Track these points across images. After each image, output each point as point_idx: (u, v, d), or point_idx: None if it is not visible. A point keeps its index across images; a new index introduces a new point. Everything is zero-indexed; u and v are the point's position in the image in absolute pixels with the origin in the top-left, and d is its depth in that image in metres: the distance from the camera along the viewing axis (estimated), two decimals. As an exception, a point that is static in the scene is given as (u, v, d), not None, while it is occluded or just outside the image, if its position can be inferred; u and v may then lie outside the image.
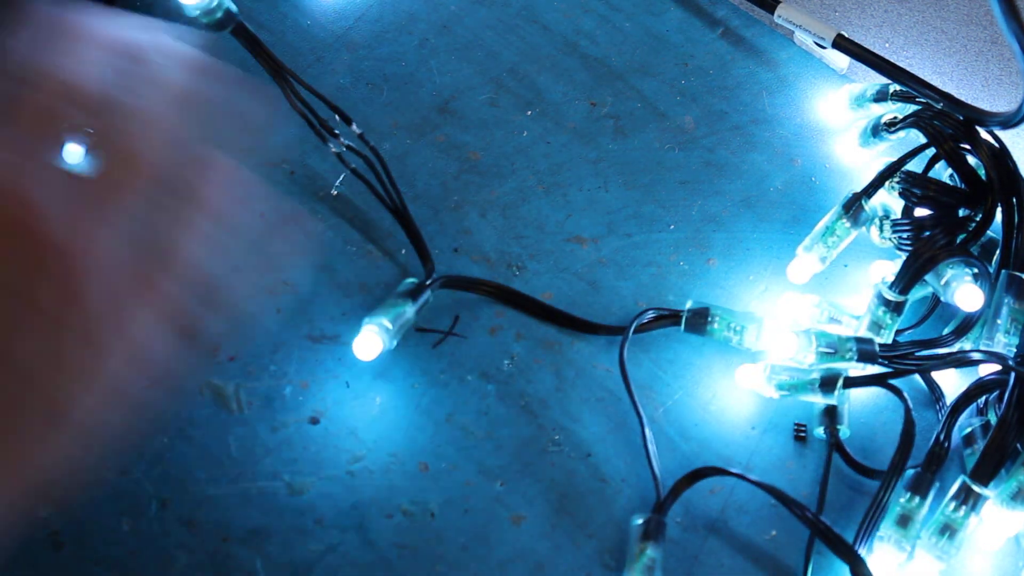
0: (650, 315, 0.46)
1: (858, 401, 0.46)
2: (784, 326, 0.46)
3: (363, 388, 0.44)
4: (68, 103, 0.31)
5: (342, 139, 0.46)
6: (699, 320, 0.45)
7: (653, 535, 0.40)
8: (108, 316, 0.35)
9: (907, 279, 0.45)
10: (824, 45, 0.54)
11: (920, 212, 0.48)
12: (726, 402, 0.46)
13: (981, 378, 0.45)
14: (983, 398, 0.45)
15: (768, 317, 0.46)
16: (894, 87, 0.51)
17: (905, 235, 0.47)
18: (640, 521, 0.41)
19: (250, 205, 0.47)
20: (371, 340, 0.43)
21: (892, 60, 0.51)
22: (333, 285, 0.47)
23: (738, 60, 0.56)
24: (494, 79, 0.53)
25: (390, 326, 0.43)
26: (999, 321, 0.45)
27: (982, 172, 0.47)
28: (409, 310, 0.44)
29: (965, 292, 0.45)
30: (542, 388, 0.45)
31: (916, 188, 0.47)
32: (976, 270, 0.45)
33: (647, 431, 0.43)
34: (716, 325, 0.45)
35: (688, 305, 0.46)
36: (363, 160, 0.46)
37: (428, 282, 0.45)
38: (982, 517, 0.42)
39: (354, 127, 0.46)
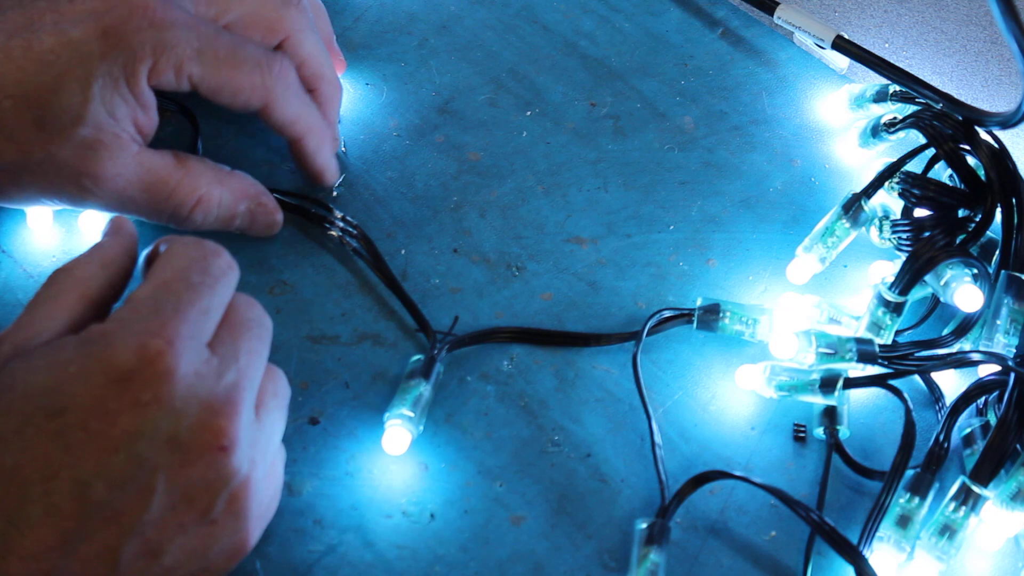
0: (665, 314, 0.46)
1: (858, 401, 0.46)
2: (784, 327, 0.46)
3: (362, 388, 0.44)
4: None
5: (337, 220, 0.47)
6: (711, 316, 0.46)
7: (657, 539, 0.40)
8: None
9: (907, 280, 0.45)
10: (824, 46, 0.54)
11: (920, 212, 0.48)
12: (726, 402, 0.46)
13: (981, 378, 0.45)
14: (983, 399, 0.45)
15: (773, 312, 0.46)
16: (894, 87, 0.51)
17: (905, 236, 0.47)
18: (644, 525, 0.41)
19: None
20: (399, 435, 0.42)
21: (892, 60, 0.51)
22: (333, 285, 0.47)
23: (738, 60, 0.56)
24: (494, 79, 0.53)
25: (412, 414, 0.42)
26: (999, 322, 0.45)
27: (982, 172, 0.47)
28: (425, 390, 0.42)
29: (965, 293, 0.45)
30: (541, 388, 0.45)
31: (916, 188, 0.47)
32: (976, 270, 0.45)
33: (657, 437, 0.43)
34: (727, 320, 0.45)
35: (699, 303, 0.46)
36: (356, 237, 0.47)
37: (435, 353, 0.43)
38: (982, 517, 0.42)
39: (336, 213, 0.47)
